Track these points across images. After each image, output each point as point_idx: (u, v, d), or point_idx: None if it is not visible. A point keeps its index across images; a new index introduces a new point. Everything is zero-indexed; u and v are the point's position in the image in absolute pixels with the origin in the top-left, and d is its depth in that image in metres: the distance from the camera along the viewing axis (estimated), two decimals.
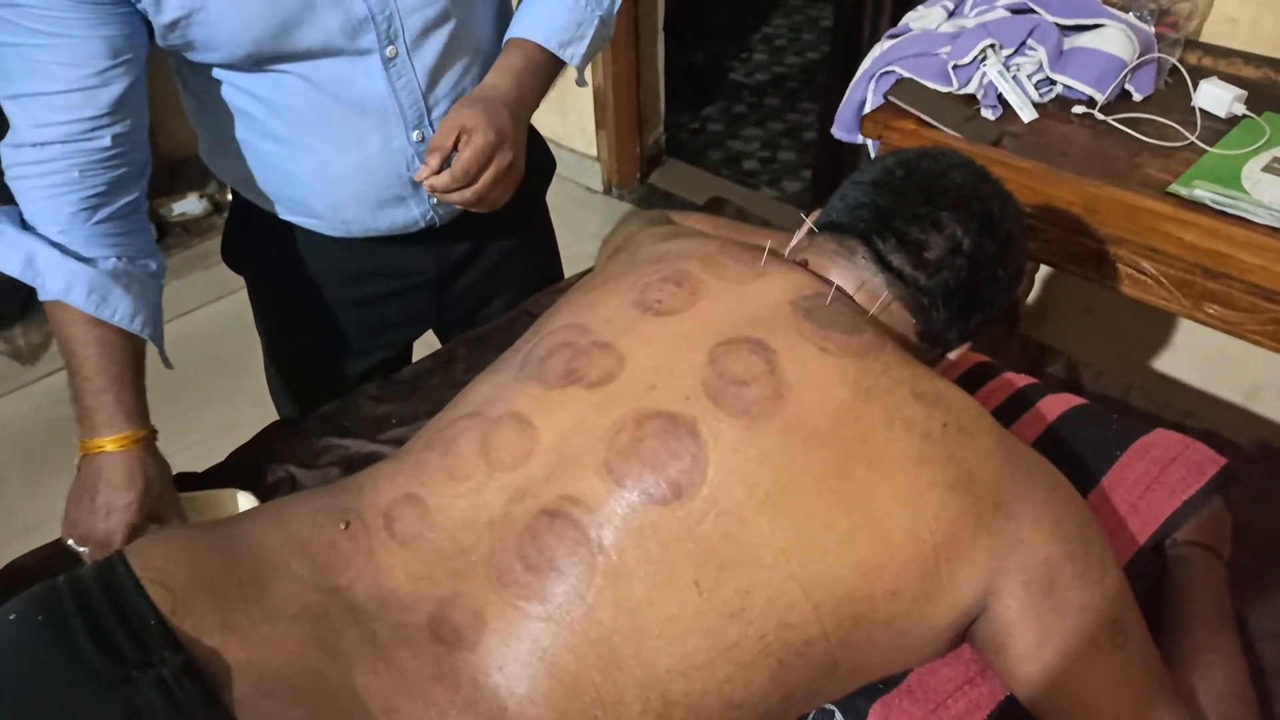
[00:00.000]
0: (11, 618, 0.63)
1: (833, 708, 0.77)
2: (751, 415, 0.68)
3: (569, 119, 2.89)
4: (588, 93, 2.79)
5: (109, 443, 0.89)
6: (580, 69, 1.09)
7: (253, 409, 2.20)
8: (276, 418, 2.13)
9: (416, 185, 1.05)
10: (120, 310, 0.89)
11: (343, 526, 0.70)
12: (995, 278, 0.81)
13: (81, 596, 0.64)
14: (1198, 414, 1.14)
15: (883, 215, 0.80)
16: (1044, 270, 1.98)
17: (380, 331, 1.22)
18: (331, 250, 1.11)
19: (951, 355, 0.84)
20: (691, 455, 0.67)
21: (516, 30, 1.03)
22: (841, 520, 0.66)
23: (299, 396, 1.29)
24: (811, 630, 0.66)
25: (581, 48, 1.05)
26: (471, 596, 0.65)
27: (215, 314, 2.50)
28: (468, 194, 0.94)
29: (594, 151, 2.90)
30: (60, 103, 0.83)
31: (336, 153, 1.00)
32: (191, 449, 2.04)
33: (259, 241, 1.15)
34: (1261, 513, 0.98)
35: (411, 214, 1.08)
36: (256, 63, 0.91)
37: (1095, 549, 0.72)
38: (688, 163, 3.11)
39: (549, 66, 1.04)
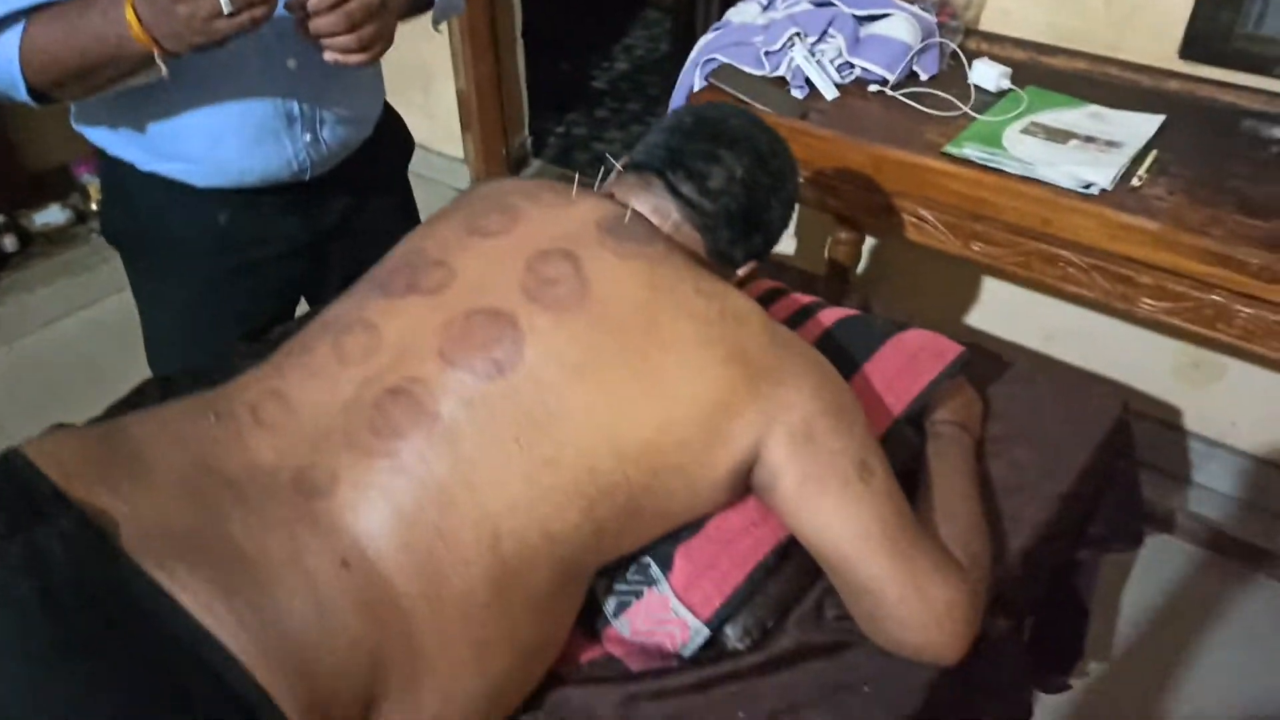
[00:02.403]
0: None
1: (648, 559, 0.92)
2: (562, 308, 0.83)
3: (436, 122, 3.01)
4: (452, 98, 2.91)
5: None
6: (436, 16, 1.22)
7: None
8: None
9: (291, 121, 1.14)
10: None
11: (212, 418, 0.81)
12: (769, 204, 0.98)
13: None
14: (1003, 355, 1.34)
15: (674, 153, 0.97)
16: (870, 242, 2.21)
17: (256, 300, 1.28)
18: (205, 214, 1.18)
19: (740, 271, 1.01)
20: (511, 340, 0.81)
21: None
22: (638, 387, 0.82)
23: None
24: (615, 476, 0.81)
25: None
26: (328, 460, 0.77)
27: (85, 321, 2.51)
28: (348, 38, 0.99)
29: (461, 154, 3.03)
30: None
31: (217, 79, 1.07)
32: None
33: (133, 212, 1.21)
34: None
35: (285, 153, 1.16)
36: None
37: (847, 408, 0.89)
38: (553, 164, 3.26)
39: None
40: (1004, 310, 2.07)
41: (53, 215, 2.56)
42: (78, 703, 0.62)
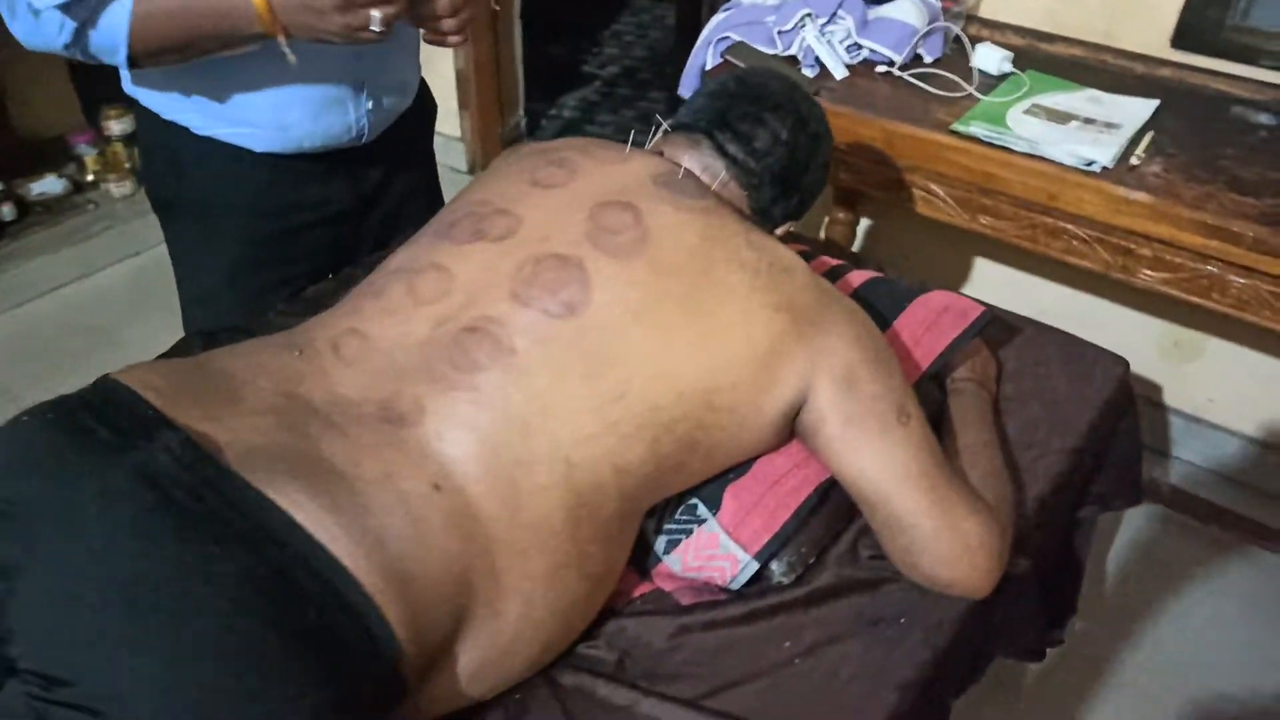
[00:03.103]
0: (24, 419, 0.75)
1: (695, 500, 0.97)
2: (625, 255, 0.88)
3: None
4: (450, 77, 2.94)
5: None
6: None
7: None
8: None
9: (358, 89, 1.18)
10: None
11: (296, 354, 0.85)
12: (808, 166, 1.04)
13: (82, 400, 0.76)
14: None
15: (720, 115, 1.02)
16: (864, 223, 2.28)
17: (297, 263, 1.31)
18: (257, 177, 1.21)
19: (778, 231, 1.06)
20: (579, 283, 0.86)
21: None
22: (695, 331, 0.87)
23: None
24: (675, 412, 0.86)
25: None
26: (411, 392, 0.81)
27: (87, 289, 2.51)
28: (453, 22, 1.06)
29: (458, 133, 3.05)
30: None
31: (291, 47, 1.08)
32: None
33: (183, 176, 1.23)
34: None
35: (348, 119, 1.19)
36: None
37: (884, 356, 0.95)
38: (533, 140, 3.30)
39: None
40: (994, 290, 2.14)
41: (50, 185, 2.55)
42: (205, 578, 0.66)
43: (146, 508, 0.68)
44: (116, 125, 2.60)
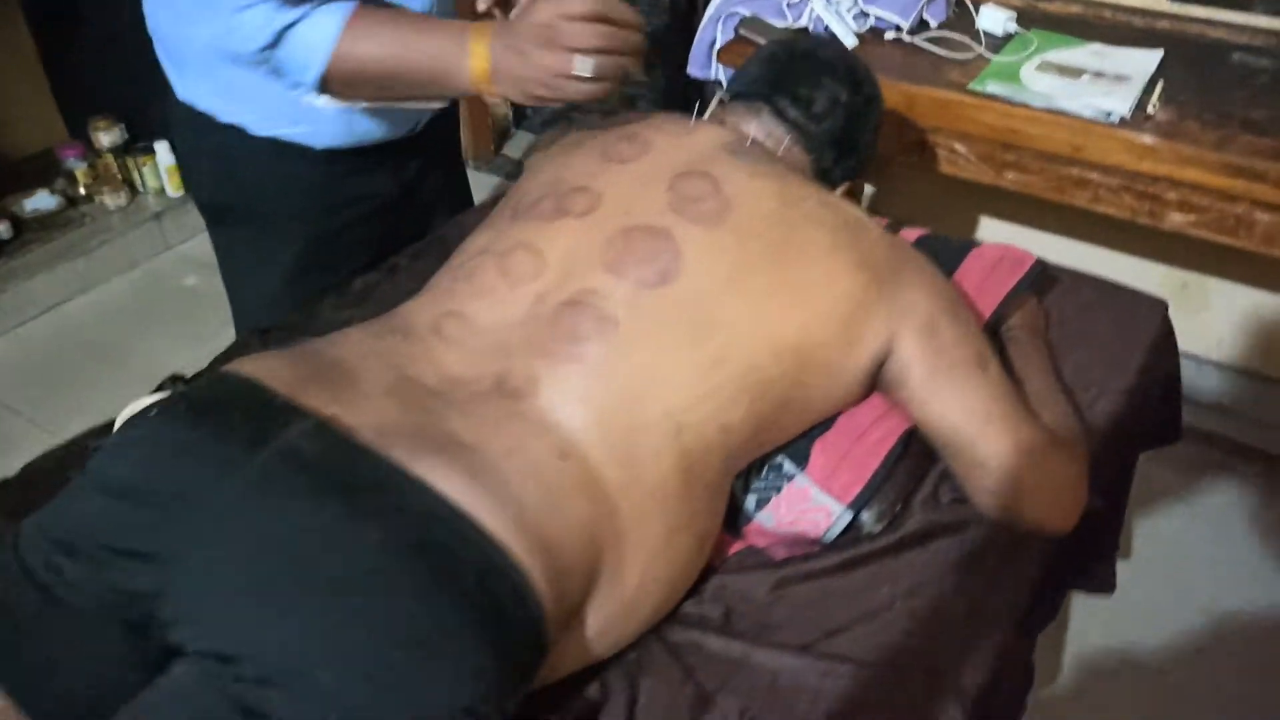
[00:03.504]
0: (153, 413, 0.76)
1: (780, 459, 1.00)
2: (709, 223, 0.90)
3: None
4: None
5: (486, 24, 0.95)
6: None
7: (150, 386, 2.23)
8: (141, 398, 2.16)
9: None
10: None
11: (400, 338, 0.86)
12: (864, 126, 1.06)
13: (206, 394, 0.77)
14: None
15: (778, 82, 1.04)
16: (867, 190, 2.31)
17: (348, 257, 1.31)
18: (314, 174, 1.20)
19: (837, 191, 1.09)
20: (671, 252, 0.88)
21: None
22: (782, 292, 0.89)
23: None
24: (772, 372, 0.88)
25: None
26: (523, 367, 0.83)
27: (85, 305, 2.48)
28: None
29: None
30: None
31: None
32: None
33: (239, 179, 1.22)
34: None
35: (410, 111, 1.19)
36: None
37: (960, 305, 0.98)
38: (534, 133, 3.29)
39: None
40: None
41: (43, 201, 2.51)
42: (369, 551, 0.67)
43: (299, 489, 0.69)
44: (105, 137, 2.57)
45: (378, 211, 1.30)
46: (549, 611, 0.73)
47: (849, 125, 1.04)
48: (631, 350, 0.84)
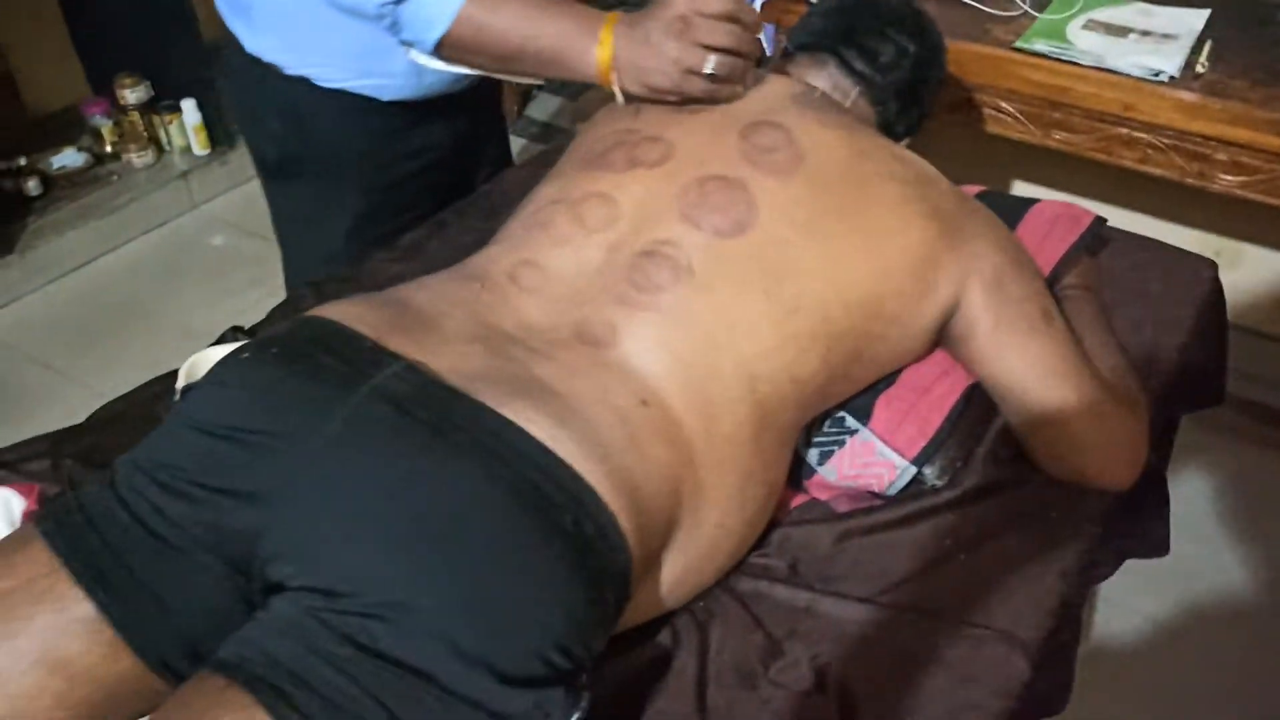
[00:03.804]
0: (244, 355, 0.76)
1: (843, 414, 1.00)
2: (783, 172, 0.90)
3: None
4: None
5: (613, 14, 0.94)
6: None
7: (179, 342, 2.24)
8: (201, 346, 2.17)
9: None
10: None
11: (478, 286, 0.86)
12: (928, 78, 1.06)
13: (297, 335, 0.78)
14: None
15: (844, 33, 1.03)
16: None
17: (403, 210, 1.32)
18: (377, 128, 1.21)
19: (901, 144, 1.08)
20: (746, 202, 0.88)
21: None
22: (856, 242, 0.89)
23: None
24: (845, 323, 0.88)
25: None
26: (601, 315, 0.83)
27: (114, 262, 2.49)
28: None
29: None
30: None
31: None
32: (128, 384, 2.07)
33: (304, 132, 1.22)
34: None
35: None
36: None
37: (1025, 259, 0.98)
38: (559, 96, 3.28)
39: None
40: None
41: (70, 158, 2.51)
42: (471, 488, 0.69)
43: (397, 428, 0.70)
44: (131, 94, 2.55)
45: (433, 165, 1.31)
46: (635, 557, 0.74)
47: (915, 77, 1.04)
48: (708, 299, 0.84)
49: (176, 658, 0.70)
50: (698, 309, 0.84)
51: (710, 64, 0.91)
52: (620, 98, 0.97)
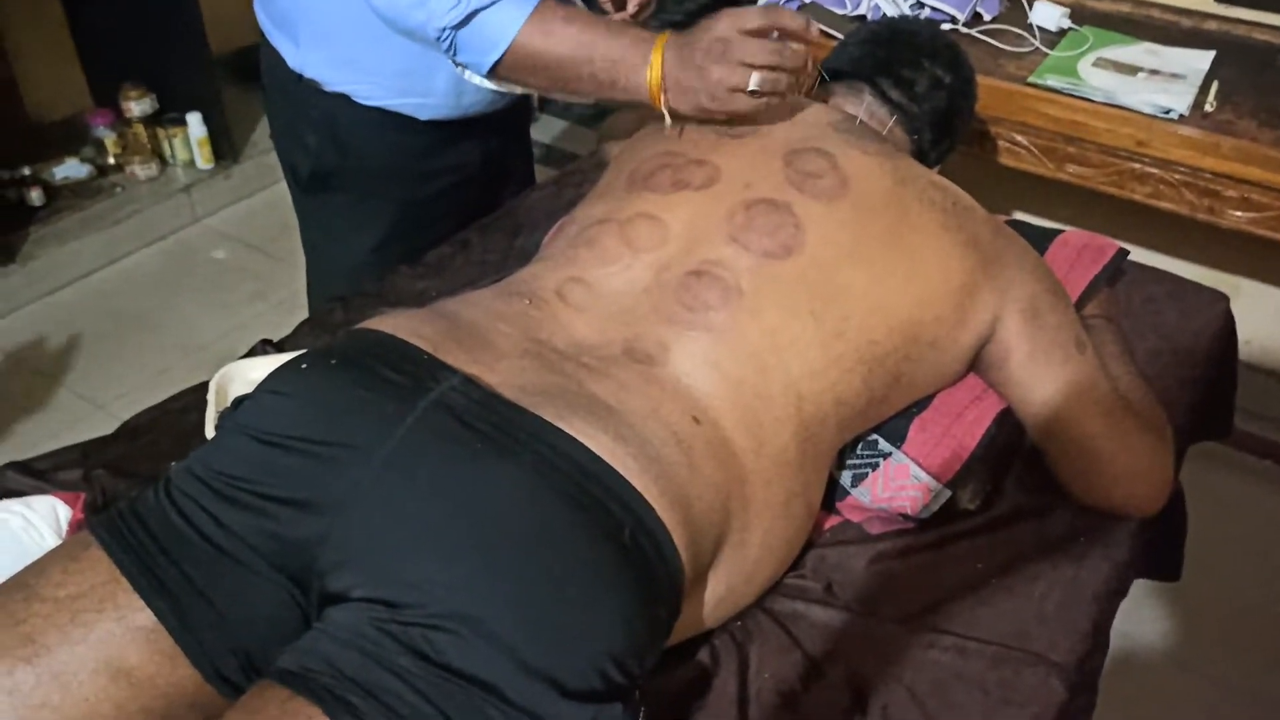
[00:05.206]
0: (303, 366, 0.76)
1: (876, 437, 1.01)
2: (828, 198, 0.91)
3: None
4: None
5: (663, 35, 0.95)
6: None
7: (180, 355, 2.23)
8: (201, 360, 2.15)
9: None
10: None
11: (526, 303, 0.87)
12: (960, 108, 1.08)
13: (355, 347, 0.78)
14: None
15: (880, 63, 1.05)
16: None
17: (432, 227, 1.33)
18: (414, 146, 1.22)
19: (934, 171, 1.10)
20: (793, 225, 0.89)
21: None
22: (900, 267, 0.91)
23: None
24: (887, 346, 0.89)
25: None
26: (652, 334, 0.84)
27: (116, 274, 2.47)
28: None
29: None
30: None
31: None
32: (125, 397, 2.06)
33: (341, 147, 1.23)
34: None
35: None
36: None
37: (1059, 288, 1.00)
38: (559, 118, 3.30)
39: None
40: None
41: (73, 169, 2.49)
42: (534, 500, 0.69)
43: (461, 440, 0.70)
44: (136, 106, 2.55)
45: (462, 183, 1.32)
46: (686, 572, 0.74)
47: (949, 107, 1.06)
48: (757, 320, 0.85)
49: (232, 668, 0.70)
50: (747, 329, 0.85)
51: (754, 81, 0.92)
52: (669, 120, 0.98)
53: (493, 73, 1.03)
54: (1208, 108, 1.50)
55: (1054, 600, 0.94)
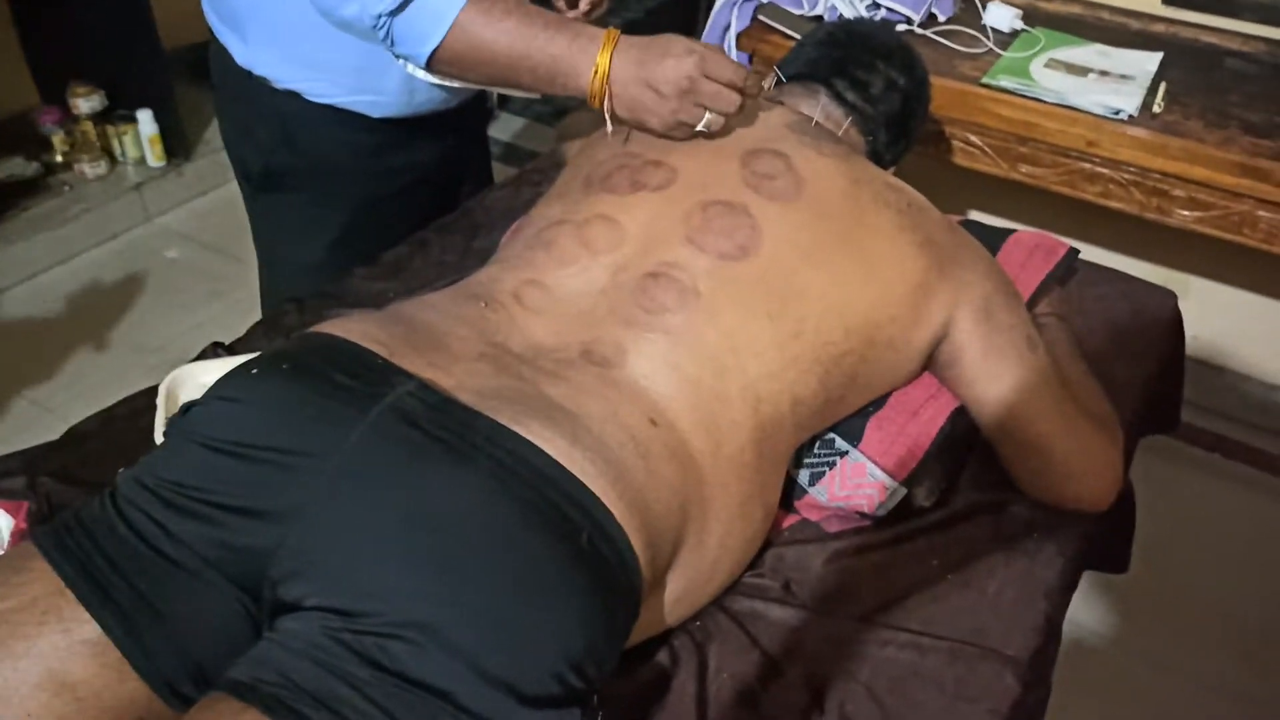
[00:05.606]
0: (254, 371, 0.75)
1: (832, 435, 1.02)
2: (784, 199, 0.92)
3: None
4: None
5: (611, 33, 0.94)
6: None
7: (135, 358, 2.19)
8: (155, 362, 2.11)
9: None
10: None
11: (483, 305, 0.86)
12: (915, 110, 1.09)
13: (308, 351, 0.77)
14: None
15: (836, 64, 1.06)
16: None
17: (388, 227, 1.31)
18: (366, 144, 1.21)
19: (889, 173, 1.11)
20: (750, 227, 0.89)
21: None
22: (856, 268, 0.91)
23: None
24: (844, 347, 0.90)
25: None
26: (609, 336, 0.84)
27: (65, 275, 2.42)
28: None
29: None
30: None
31: None
32: (79, 399, 2.02)
33: (294, 145, 1.21)
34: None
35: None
36: None
37: (1012, 288, 1.01)
38: (518, 116, 3.28)
39: None
40: None
41: (19, 167, 2.44)
42: (491, 507, 0.69)
43: (416, 445, 0.69)
44: (85, 104, 2.49)
45: (418, 182, 1.31)
46: (645, 576, 0.74)
47: (904, 108, 1.07)
48: (714, 321, 0.85)
49: (182, 680, 0.68)
50: (704, 330, 0.85)
51: (704, 123, 0.94)
52: (610, 124, 0.98)
53: (432, 65, 1.02)
54: (1156, 108, 1.53)
55: (1008, 595, 0.95)
